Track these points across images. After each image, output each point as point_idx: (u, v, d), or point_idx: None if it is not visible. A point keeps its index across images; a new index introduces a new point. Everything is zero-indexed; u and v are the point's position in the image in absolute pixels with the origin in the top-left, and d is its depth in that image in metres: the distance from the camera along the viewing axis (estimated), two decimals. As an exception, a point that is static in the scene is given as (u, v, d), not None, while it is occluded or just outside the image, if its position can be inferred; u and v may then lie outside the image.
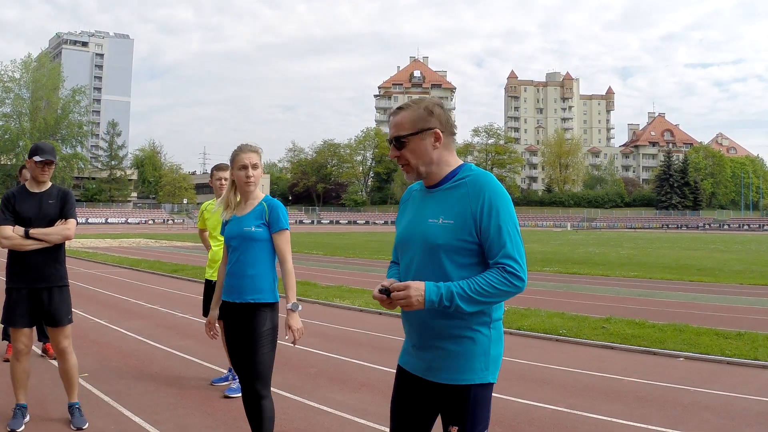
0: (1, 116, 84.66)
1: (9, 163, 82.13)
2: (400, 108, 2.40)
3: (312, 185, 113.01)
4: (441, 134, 2.34)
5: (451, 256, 2.25)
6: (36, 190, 4.53)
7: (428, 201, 2.38)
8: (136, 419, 4.73)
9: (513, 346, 7.75)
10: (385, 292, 2.22)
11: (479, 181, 2.28)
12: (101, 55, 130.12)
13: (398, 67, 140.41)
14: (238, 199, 3.87)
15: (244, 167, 3.73)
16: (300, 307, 3.73)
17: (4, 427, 4.39)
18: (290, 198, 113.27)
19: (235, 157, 3.79)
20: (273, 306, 3.74)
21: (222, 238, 5.74)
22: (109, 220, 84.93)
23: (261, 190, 3.94)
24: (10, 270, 4.45)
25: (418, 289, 2.18)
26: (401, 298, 2.19)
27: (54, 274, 4.48)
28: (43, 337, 6.78)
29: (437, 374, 2.31)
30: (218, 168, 5.80)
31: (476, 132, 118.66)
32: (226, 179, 5.70)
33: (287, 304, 3.70)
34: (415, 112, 2.34)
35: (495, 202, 2.23)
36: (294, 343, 3.71)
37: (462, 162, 2.41)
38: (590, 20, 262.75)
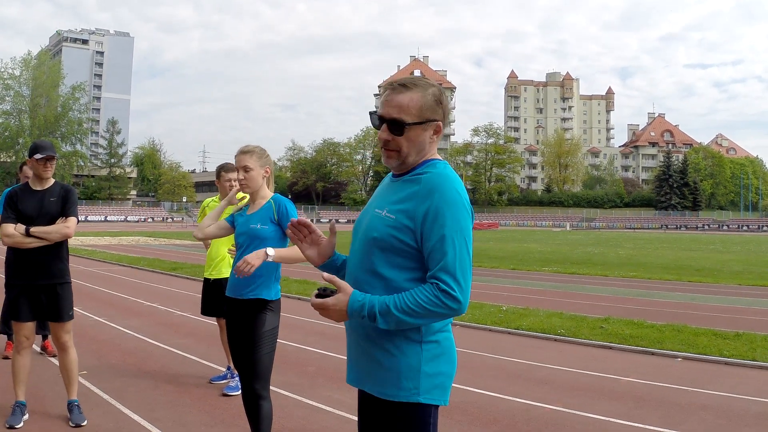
0: (1, 113, 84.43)
1: (9, 160, 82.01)
2: (403, 86, 2.07)
3: (311, 184, 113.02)
4: (442, 128, 2.12)
5: (385, 253, 2.02)
6: (38, 188, 4.54)
7: (387, 190, 2.16)
8: (135, 417, 4.74)
9: (511, 345, 7.77)
10: (321, 294, 2.02)
11: (432, 182, 2.01)
12: (101, 53, 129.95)
13: (398, 66, 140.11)
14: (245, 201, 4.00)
15: (237, 171, 3.88)
16: (271, 255, 3.61)
17: (4, 423, 4.40)
18: (290, 197, 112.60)
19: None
20: (273, 305, 3.76)
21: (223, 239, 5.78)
22: (109, 218, 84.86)
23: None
24: (13, 266, 4.48)
25: (338, 301, 1.98)
26: (319, 307, 2.00)
27: (56, 272, 4.50)
28: (41, 329, 6.74)
29: (366, 383, 2.11)
30: (226, 169, 5.72)
31: (476, 131, 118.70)
32: (236, 180, 5.69)
33: (268, 249, 3.62)
34: (424, 98, 2.06)
35: (443, 207, 1.96)
36: (237, 270, 3.56)
37: (435, 157, 2.14)
38: (589, 20, 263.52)
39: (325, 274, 2.07)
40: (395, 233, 2.02)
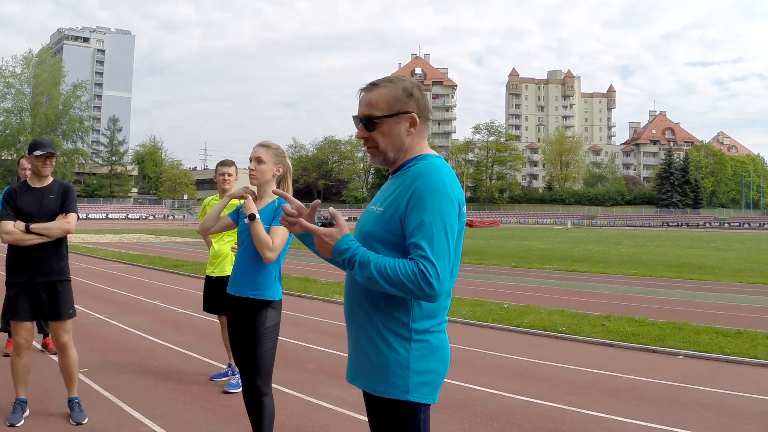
0: (2, 111, 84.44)
1: (10, 158, 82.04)
2: (374, 84, 2.16)
3: (313, 182, 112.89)
4: (417, 119, 2.13)
5: (375, 246, 2.05)
6: (37, 185, 4.54)
7: (384, 187, 2.21)
8: (136, 414, 4.74)
9: (512, 343, 7.76)
10: (326, 223, 2.06)
11: (418, 170, 2.05)
12: (102, 51, 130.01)
13: (400, 64, 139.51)
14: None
15: (250, 160, 3.83)
16: (256, 218, 3.61)
17: (4, 421, 4.40)
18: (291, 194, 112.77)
19: None
20: (274, 304, 3.75)
21: (226, 238, 5.78)
22: (110, 216, 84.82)
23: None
24: (12, 264, 4.47)
25: (329, 234, 2.02)
26: (311, 231, 2.05)
27: (55, 269, 4.49)
28: (42, 330, 6.79)
29: (359, 379, 2.15)
30: (222, 164, 5.83)
31: (477, 129, 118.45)
32: (230, 174, 5.75)
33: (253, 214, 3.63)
34: (393, 92, 2.12)
35: (423, 194, 1.98)
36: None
37: (426, 152, 2.18)
38: (590, 18, 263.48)
39: (332, 209, 2.09)
40: (385, 225, 2.06)
